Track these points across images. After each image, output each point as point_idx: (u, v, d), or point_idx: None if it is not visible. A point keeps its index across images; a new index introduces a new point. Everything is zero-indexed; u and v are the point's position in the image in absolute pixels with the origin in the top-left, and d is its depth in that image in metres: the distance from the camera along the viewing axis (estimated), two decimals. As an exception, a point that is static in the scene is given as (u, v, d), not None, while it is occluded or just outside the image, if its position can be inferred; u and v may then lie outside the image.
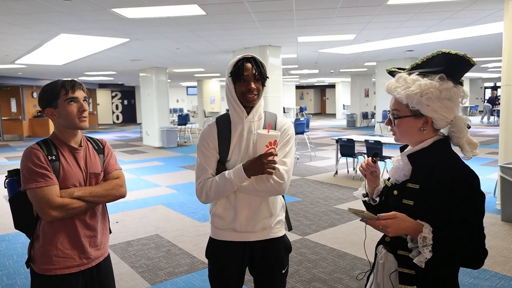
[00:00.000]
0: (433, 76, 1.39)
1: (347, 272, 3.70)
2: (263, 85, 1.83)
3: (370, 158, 1.63)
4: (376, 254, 1.63)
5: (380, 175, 1.68)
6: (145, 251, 4.33)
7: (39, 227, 1.83)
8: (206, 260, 2.00)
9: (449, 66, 1.38)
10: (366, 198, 1.67)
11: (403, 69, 1.52)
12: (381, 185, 1.64)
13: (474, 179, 1.34)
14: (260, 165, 1.73)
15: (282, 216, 1.97)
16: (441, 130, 1.47)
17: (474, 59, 1.39)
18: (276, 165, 1.79)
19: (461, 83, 1.43)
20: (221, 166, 1.86)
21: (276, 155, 1.77)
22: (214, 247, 1.94)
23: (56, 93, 1.81)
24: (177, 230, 5.02)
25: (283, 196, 1.99)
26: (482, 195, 1.34)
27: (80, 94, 1.85)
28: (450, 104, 1.38)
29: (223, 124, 1.89)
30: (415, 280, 1.42)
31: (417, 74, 1.41)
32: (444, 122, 1.41)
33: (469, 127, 1.42)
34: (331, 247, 4.30)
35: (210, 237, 1.96)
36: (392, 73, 1.55)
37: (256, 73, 1.78)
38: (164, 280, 3.63)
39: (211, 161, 1.85)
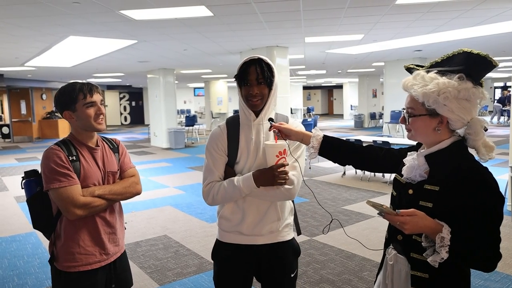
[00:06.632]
0: (452, 75, 1.35)
1: (356, 273, 3.68)
2: (270, 89, 1.79)
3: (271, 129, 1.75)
4: (384, 254, 1.61)
5: (294, 130, 1.73)
6: (154, 252, 4.35)
7: (60, 226, 1.87)
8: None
9: (470, 65, 1.35)
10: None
11: (422, 66, 1.49)
12: (320, 135, 1.68)
13: (494, 182, 1.31)
14: (271, 177, 1.72)
15: (290, 220, 1.94)
16: (458, 131, 1.43)
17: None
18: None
19: (480, 85, 1.39)
20: (230, 169, 1.84)
21: (287, 164, 1.75)
22: (220, 250, 1.92)
23: (75, 97, 1.84)
24: (185, 231, 5.03)
25: (292, 200, 1.96)
26: (502, 199, 1.31)
27: (97, 97, 1.89)
28: (467, 105, 1.35)
29: (233, 126, 1.86)
30: (427, 283, 1.40)
31: (435, 72, 1.38)
32: (460, 123, 1.37)
33: (486, 130, 1.39)
34: (339, 248, 4.29)
35: (216, 239, 1.95)
36: (409, 70, 1.51)
37: (260, 77, 1.73)
38: (173, 281, 3.64)
39: (219, 163, 1.83)
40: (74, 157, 1.84)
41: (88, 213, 1.82)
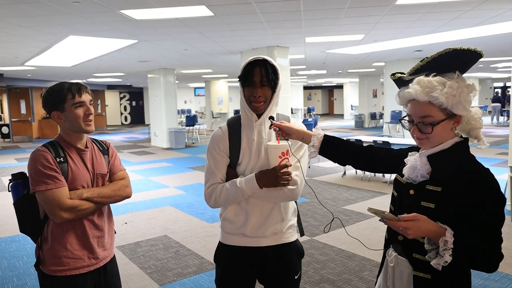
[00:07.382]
0: (450, 74, 1.38)
1: (356, 273, 3.68)
2: (274, 91, 1.77)
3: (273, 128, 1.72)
4: (384, 256, 1.60)
5: (294, 128, 1.71)
6: (154, 252, 4.35)
7: (47, 229, 1.82)
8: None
9: (464, 61, 1.39)
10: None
11: (404, 74, 1.51)
12: (320, 134, 1.67)
13: (496, 183, 1.32)
14: (274, 178, 1.70)
15: (294, 221, 1.92)
16: (459, 131, 1.45)
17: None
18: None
19: None
20: (232, 170, 1.82)
21: (290, 165, 1.73)
22: (223, 252, 1.89)
23: (63, 97, 1.80)
24: (185, 231, 5.03)
25: (295, 201, 1.94)
26: (503, 200, 1.32)
27: (86, 97, 1.84)
28: (470, 98, 1.38)
29: (234, 127, 1.84)
30: (430, 284, 1.40)
31: (434, 75, 1.38)
32: (467, 117, 1.41)
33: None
34: (339, 248, 4.29)
35: (219, 241, 1.93)
36: (400, 80, 1.51)
37: (264, 79, 1.71)
38: (173, 281, 3.64)
39: (221, 165, 1.81)
40: (62, 158, 1.79)
41: (75, 216, 1.77)
